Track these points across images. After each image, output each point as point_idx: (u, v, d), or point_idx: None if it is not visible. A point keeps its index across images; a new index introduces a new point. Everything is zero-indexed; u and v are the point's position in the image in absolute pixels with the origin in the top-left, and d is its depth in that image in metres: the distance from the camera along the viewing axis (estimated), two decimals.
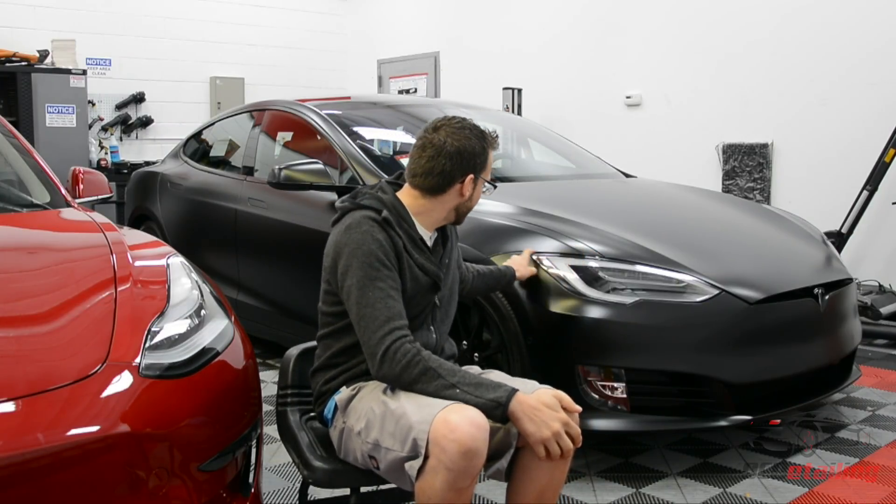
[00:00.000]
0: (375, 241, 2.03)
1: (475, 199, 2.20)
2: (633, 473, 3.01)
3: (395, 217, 2.11)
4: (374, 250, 2.02)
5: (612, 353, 2.89)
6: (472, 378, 1.90)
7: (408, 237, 2.12)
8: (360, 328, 1.99)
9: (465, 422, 1.77)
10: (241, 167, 4.74)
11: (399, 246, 2.08)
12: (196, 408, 1.88)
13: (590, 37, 7.45)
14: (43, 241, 2.60)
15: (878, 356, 4.70)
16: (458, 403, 1.84)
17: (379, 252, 2.02)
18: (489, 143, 2.18)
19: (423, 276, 2.13)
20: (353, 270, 2.02)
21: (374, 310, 1.97)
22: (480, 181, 2.18)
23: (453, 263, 2.29)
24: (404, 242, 2.10)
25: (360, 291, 1.99)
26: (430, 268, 2.15)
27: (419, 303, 2.14)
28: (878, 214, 5.61)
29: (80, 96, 7.74)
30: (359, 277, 2.00)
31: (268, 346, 4.53)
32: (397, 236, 2.08)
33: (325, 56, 9.95)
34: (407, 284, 2.08)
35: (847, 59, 5.80)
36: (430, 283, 2.16)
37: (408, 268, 2.09)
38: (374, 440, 1.92)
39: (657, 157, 6.77)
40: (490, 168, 2.21)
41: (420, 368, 1.90)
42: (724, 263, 3.16)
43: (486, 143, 2.17)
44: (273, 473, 2.99)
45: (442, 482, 1.77)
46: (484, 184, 2.21)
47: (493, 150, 2.21)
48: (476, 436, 1.76)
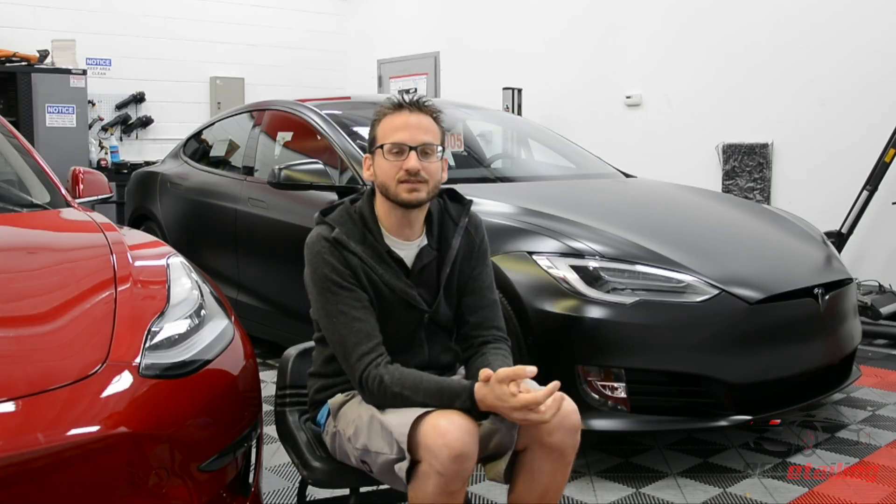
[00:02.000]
0: (327, 263, 1.96)
1: (384, 174, 2.00)
2: (633, 473, 3.01)
3: (359, 230, 2.02)
4: (328, 274, 1.96)
5: (613, 353, 2.89)
6: (434, 388, 1.86)
7: (371, 252, 2.01)
8: (337, 355, 2.00)
9: (454, 427, 1.77)
10: (241, 167, 4.74)
11: (354, 264, 1.98)
12: (196, 408, 1.88)
13: (590, 37, 7.44)
14: (43, 241, 2.59)
15: (878, 356, 4.70)
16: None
17: (332, 275, 1.96)
18: (379, 113, 2.03)
19: (389, 292, 2.01)
20: (314, 297, 2.01)
21: (341, 337, 1.95)
22: (378, 152, 2.01)
23: (455, 283, 2.10)
24: (362, 259, 1.99)
25: (326, 320, 1.98)
26: (397, 285, 2.02)
27: (400, 319, 2.04)
28: (878, 214, 5.61)
29: (80, 96, 7.73)
30: (322, 304, 1.98)
31: (268, 346, 4.53)
32: (351, 255, 1.98)
33: (325, 56, 9.94)
34: (374, 301, 2.00)
35: (847, 59, 5.79)
36: (402, 302, 2.03)
37: (370, 285, 1.99)
38: (363, 445, 1.93)
39: (657, 157, 6.77)
40: (387, 134, 2.00)
41: (389, 395, 1.89)
42: (724, 263, 3.16)
43: (377, 116, 2.03)
44: (273, 473, 2.99)
45: (434, 486, 1.78)
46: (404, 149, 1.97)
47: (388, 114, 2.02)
48: (466, 440, 1.76)
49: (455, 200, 2.18)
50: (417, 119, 2.01)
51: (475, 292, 2.12)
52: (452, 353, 2.17)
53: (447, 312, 2.11)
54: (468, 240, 2.14)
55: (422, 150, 1.99)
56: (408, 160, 1.97)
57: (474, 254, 2.14)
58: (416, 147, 1.98)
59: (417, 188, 1.99)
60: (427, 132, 2.01)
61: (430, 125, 2.03)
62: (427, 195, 2.02)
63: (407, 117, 2.00)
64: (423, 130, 2.00)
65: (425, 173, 1.98)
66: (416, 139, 1.99)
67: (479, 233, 2.17)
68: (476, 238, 2.15)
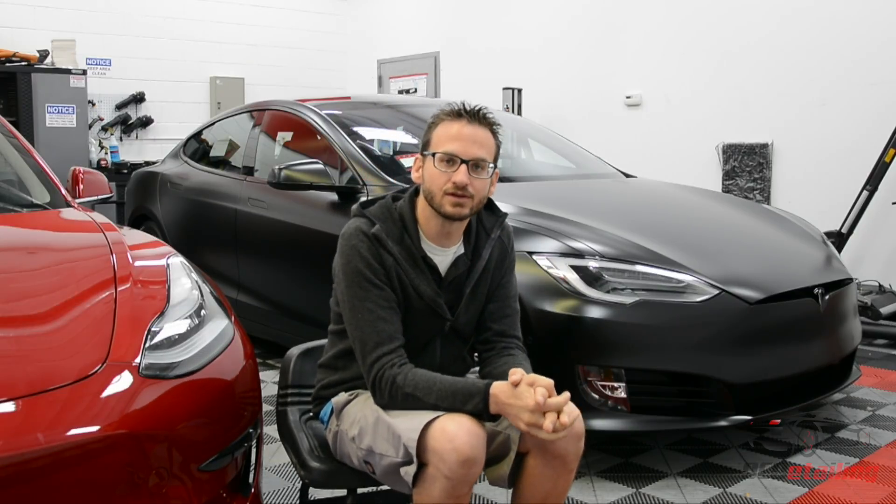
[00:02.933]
0: (362, 258, 1.94)
1: (431, 181, 1.96)
2: (633, 473, 3.01)
3: (398, 230, 1.99)
4: (361, 269, 1.94)
5: (613, 353, 2.89)
6: (448, 389, 1.84)
7: (407, 254, 1.98)
8: (355, 350, 1.98)
9: (463, 431, 1.76)
10: (241, 167, 4.74)
11: (388, 264, 1.96)
12: (196, 408, 1.88)
13: (589, 36, 7.45)
14: (43, 241, 2.59)
15: (878, 356, 4.70)
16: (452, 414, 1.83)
17: (366, 270, 1.93)
18: (437, 117, 2.00)
19: (417, 298, 2.00)
20: (343, 287, 1.98)
21: (363, 334, 1.93)
22: (429, 158, 1.97)
23: (481, 295, 2.08)
24: (398, 260, 1.97)
25: (352, 313, 1.96)
26: (427, 292, 2.00)
27: (420, 325, 2.02)
28: (878, 214, 5.61)
29: (80, 96, 7.73)
30: (349, 297, 1.96)
31: (268, 346, 4.53)
32: (387, 254, 1.96)
33: (325, 56, 9.94)
34: (401, 303, 1.98)
35: (847, 59, 5.79)
36: (428, 308, 2.01)
37: (400, 287, 1.98)
38: (368, 446, 1.92)
39: (657, 157, 6.77)
40: (441, 142, 1.96)
41: (401, 395, 1.87)
42: (724, 263, 3.16)
43: (434, 120, 2.00)
44: (273, 473, 2.99)
45: (441, 490, 1.77)
46: (448, 161, 1.93)
47: (445, 121, 1.99)
48: (474, 444, 1.76)
49: (489, 210, 2.16)
50: (473, 131, 1.96)
51: (501, 300, 2.11)
52: (463, 363, 2.16)
53: (468, 321, 2.09)
54: (500, 249, 2.12)
55: (473, 165, 1.95)
56: (458, 173, 1.93)
57: (505, 263, 2.13)
58: (469, 161, 1.94)
59: (462, 203, 1.95)
60: (482, 147, 1.96)
61: (486, 139, 1.98)
62: (470, 211, 1.99)
63: (463, 127, 1.96)
64: (479, 145, 1.96)
65: (472, 189, 1.95)
66: (469, 153, 1.94)
67: (510, 243, 2.16)
68: (507, 248, 2.15)
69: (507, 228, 2.16)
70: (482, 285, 2.08)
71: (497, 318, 2.11)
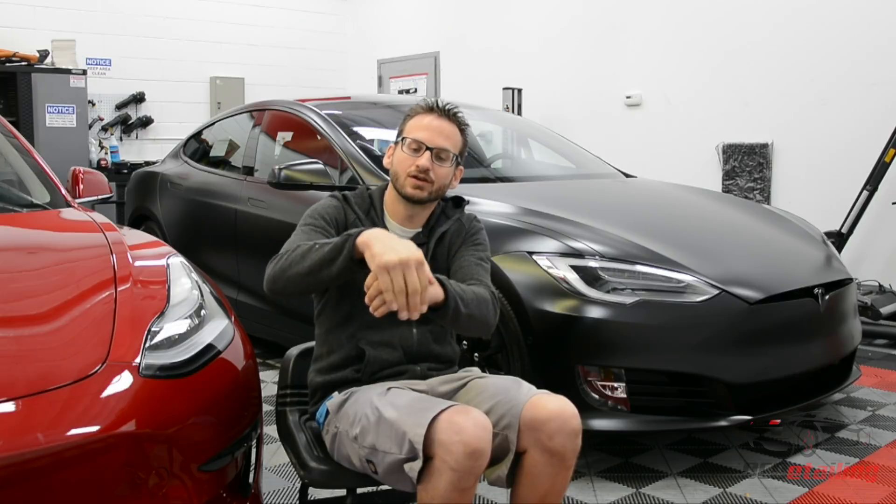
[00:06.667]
0: (325, 209, 2.11)
1: (398, 165, 2.11)
2: (633, 473, 3.01)
3: (366, 205, 2.15)
4: (319, 210, 2.11)
5: (613, 353, 2.89)
6: (322, 248, 1.88)
7: (370, 222, 2.12)
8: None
9: (470, 423, 1.76)
10: (241, 167, 4.74)
11: (350, 219, 2.11)
12: (196, 408, 1.88)
13: (589, 36, 7.45)
14: (43, 241, 2.59)
15: (878, 356, 4.70)
16: (459, 405, 1.83)
17: (324, 213, 2.09)
18: (412, 110, 2.17)
19: None
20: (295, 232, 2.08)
21: (287, 244, 2.00)
22: (399, 144, 2.13)
23: (438, 270, 2.09)
24: (360, 219, 2.11)
25: (289, 239, 2.04)
26: None
27: None
28: (878, 214, 5.61)
29: (80, 96, 7.73)
30: (295, 233, 2.07)
31: (268, 346, 4.53)
32: (352, 212, 2.12)
33: (325, 56, 9.95)
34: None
35: (847, 59, 5.80)
36: None
37: None
38: (371, 445, 1.92)
39: (657, 157, 6.77)
40: (411, 130, 2.11)
41: (279, 269, 1.93)
42: (724, 263, 3.16)
43: (409, 112, 2.17)
44: (273, 473, 2.99)
45: (446, 483, 1.77)
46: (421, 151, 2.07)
47: (419, 114, 2.14)
48: (481, 436, 1.76)
49: (456, 205, 2.27)
50: (441, 124, 2.13)
51: (464, 268, 2.12)
52: (450, 348, 2.19)
53: None
54: (457, 227, 2.21)
55: (437, 154, 2.10)
56: (421, 158, 2.09)
57: (462, 237, 2.19)
58: (433, 149, 2.10)
59: (422, 186, 2.09)
60: (447, 139, 2.12)
61: (453, 133, 2.14)
62: (429, 195, 2.11)
63: (433, 120, 2.13)
64: (444, 136, 2.12)
65: (434, 174, 2.09)
66: (434, 141, 2.10)
67: (471, 224, 2.23)
68: (465, 225, 2.21)
69: (470, 215, 2.26)
70: (439, 260, 2.15)
71: (457, 274, 2.13)
